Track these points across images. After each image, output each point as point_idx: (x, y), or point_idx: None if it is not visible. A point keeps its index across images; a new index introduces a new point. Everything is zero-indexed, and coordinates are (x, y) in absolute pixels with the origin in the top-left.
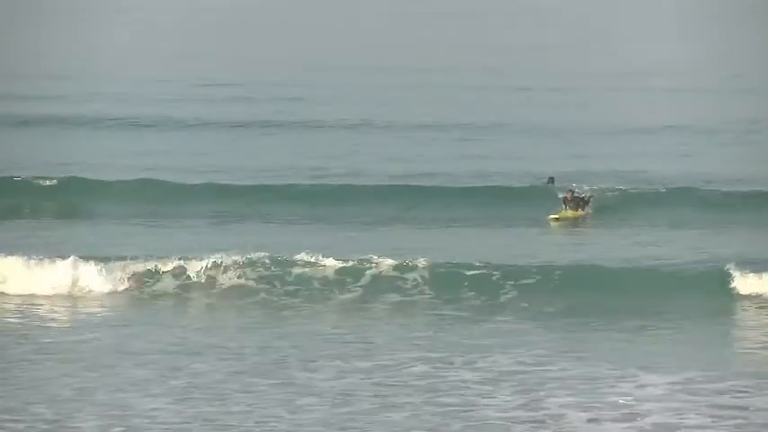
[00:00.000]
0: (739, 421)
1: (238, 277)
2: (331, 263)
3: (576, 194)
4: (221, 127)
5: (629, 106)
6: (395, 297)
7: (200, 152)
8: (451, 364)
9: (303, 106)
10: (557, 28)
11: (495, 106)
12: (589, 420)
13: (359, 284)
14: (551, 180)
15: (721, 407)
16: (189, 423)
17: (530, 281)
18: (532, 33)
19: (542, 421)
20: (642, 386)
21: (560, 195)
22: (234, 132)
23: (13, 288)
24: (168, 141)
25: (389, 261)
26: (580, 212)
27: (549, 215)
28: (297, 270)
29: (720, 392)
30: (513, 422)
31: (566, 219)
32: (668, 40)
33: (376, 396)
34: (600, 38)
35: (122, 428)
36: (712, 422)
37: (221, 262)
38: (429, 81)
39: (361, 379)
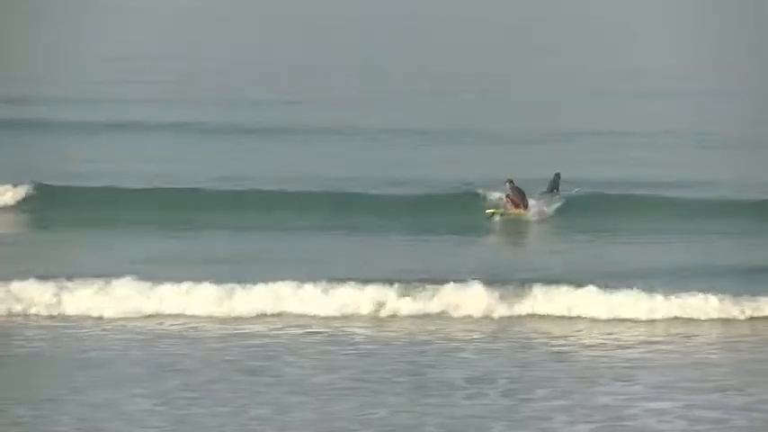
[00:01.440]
0: (720, 425)
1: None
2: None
3: (514, 185)
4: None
5: (600, 112)
6: (382, 297)
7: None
8: (437, 363)
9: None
10: (543, 31)
11: (487, 110)
12: (572, 422)
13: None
14: (558, 176)
15: (708, 408)
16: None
17: (514, 284)
18: (520, 35)
19: (527, 420)
20: (628, 388)
21: (502, 189)
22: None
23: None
24: (179, 147)
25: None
26: (522, 211)
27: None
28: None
29: (708, 391)
30: (497, 421)
31: (506, 214)
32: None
33: (360, 394)
34: (589, 40)
35: None
36: (693, 425)
37: None
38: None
39: (347, 377)
